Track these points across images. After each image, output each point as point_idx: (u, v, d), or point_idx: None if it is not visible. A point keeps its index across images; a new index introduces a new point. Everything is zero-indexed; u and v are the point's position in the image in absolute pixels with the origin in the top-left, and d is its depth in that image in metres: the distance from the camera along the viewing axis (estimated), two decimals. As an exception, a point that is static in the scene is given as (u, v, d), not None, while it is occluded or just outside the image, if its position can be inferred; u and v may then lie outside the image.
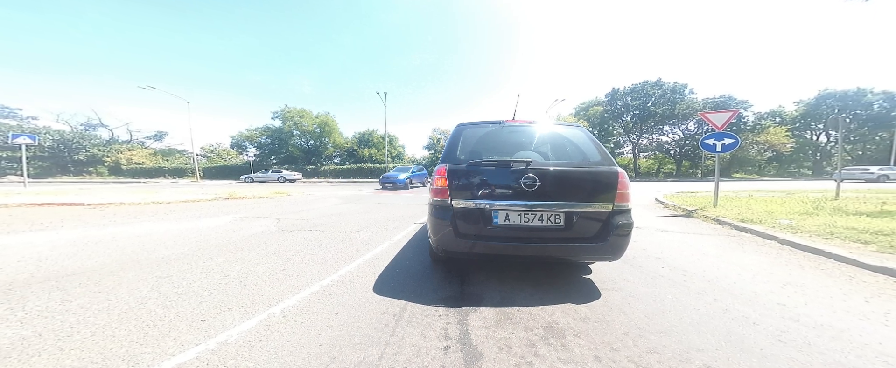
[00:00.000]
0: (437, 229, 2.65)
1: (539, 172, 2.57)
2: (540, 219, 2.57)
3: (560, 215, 2.54)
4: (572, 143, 3.08)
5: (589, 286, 2.70)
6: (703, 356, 1.69)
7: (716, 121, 7.41)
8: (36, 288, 2.58)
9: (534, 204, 2.55)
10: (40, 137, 37.53)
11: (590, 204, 2.55)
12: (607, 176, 2.60)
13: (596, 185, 2.59)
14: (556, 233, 2.55)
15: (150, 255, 3.63)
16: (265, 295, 2.49)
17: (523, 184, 2.55)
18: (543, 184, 2.55)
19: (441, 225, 2.62)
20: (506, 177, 2.63)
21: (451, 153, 2.96)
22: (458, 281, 2.81)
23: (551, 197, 2.55)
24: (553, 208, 2.54)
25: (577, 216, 2.54)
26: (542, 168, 2.62)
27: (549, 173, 2.59)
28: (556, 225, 2.55)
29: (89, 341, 1.80)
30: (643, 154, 48.70)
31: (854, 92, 39.68)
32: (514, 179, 2.59)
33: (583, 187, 2.59)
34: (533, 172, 2.56)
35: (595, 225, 2.54)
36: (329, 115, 46.69)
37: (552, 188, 2.56)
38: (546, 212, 2.55)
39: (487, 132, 3.21)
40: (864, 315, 2.19)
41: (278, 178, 31.23)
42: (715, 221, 5.90)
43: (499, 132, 3.21)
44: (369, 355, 1.69)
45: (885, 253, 3.40)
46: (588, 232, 2.54)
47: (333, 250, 3.92)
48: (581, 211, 2.54)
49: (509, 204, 2.58)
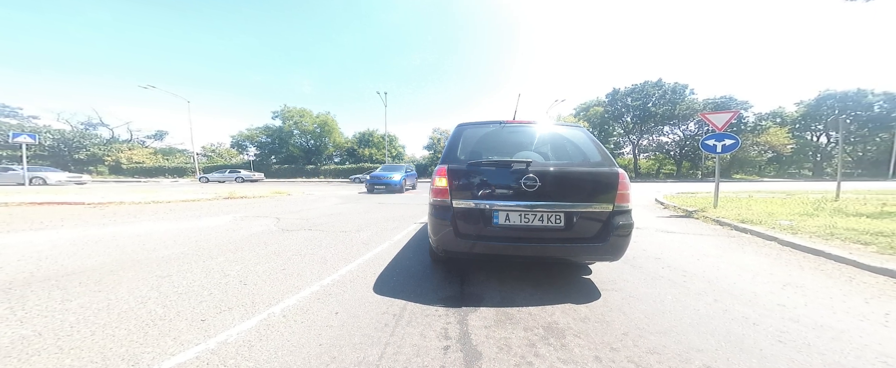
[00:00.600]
0: (438, 229, 2.64)
1: (539, 172, 2.56)
2: (540, 220, 2.55)
3: (560, 215, 2.53)
4: (573, 144, 3.07)
5: (589, 286, 2.70)
6: (703, 356, 1.69)
7: (716, 121, 7.41)
8: (36, 287, 2.58)
9: (534, 204, 2.54)
10: (41, 136, 37.60)
11: (590, 205, 2.53)
12: (608, 176, 2.58)
13: (596, 186, 2.57)
14: (556, 234, 2.54)
15: (150, 255, 3.63)
16: (265, 294, 2.49)
17: (523, 184, 2.54)
18: (544, 184, 2.54)
19: (441, 224, 2.61)
20: (506, 177, 2.62)
21: (451, 153, 2.96)
22: (458, 281, 2.81)
23: (551, 197, 2.54)
24: (553, 208, 2.53)
25: (577, 216, 2.53)
26: (543, 168, 2.62)
27: (550, 173, 2.58)
28: (556, 225, 2.54)
29: (89, 340, 1.80)
30: (643, 154, 48.73)
31: (854, 93, 39.70)
32: (515, 179, 2.58)
33: (583, 187, 2.57)
34: (533, 172, 2.56)
35: (595, 225, 2.53)
36: (329, 115, 46.73)
37: (552, 188, 2.55)
38: (546, 213, 2.54)
39: (488, 132, 3.21)
40: (864, 315, 2.19)
41: (236, 178, 28.75)
42: (715, 222, 5.90)
43: (499, 132, 3.21)
44: (369, 355, 1.69)
45: (886, 254, 3.40)
46: (588, 232, 2.53)
47: (333, 250, 3.92)
48: (581, 212, 2.53)
49: (510, 205, 2.57)
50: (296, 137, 46.28)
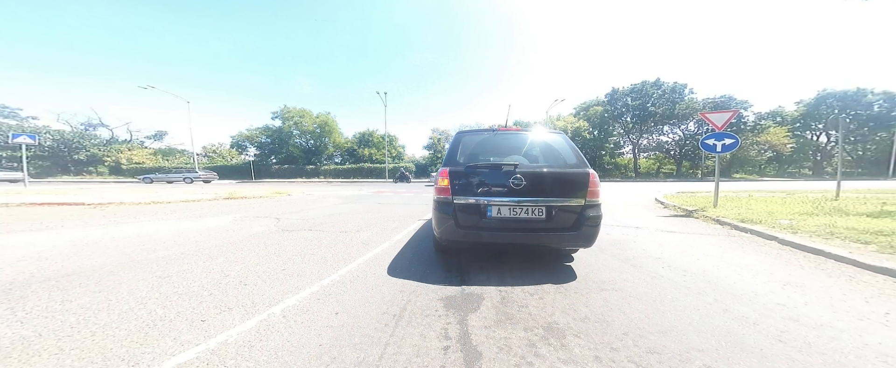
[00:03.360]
0: (441, 222, 3.04)
1: (525, 173, 2.97)
2: (526, 213, 2.96)
3: (542, 209, 2.95)
4: (553, 148, 3.53)
5: (589, 286, 2.70)
6: (704, 356, 1.69)
7: (716, 121, 7.41)
8: (36, 288, 2.58)
9: (521, 200, 2.96)
10: (40, 137, 37.54)
11: (566, 200, 2.96)
12: (581, 176, 2.99)
13: (571, 184, 2.99)
14: (538, 225, 2.95)
15: (150, 255, 3.63)
16: (265, 294, 2.49)
17: (512, 183, 2.95)
18: (528, 183, 2.95)
19: (444, 218, 3.02)
20: (498, 177, 3.03)
21: (452, 157, 3.39)
22: (459, 280, 2.81)
23: (535, 194, 2.97)
24: (536, 203, 2.95)
25: (555, 209, 2.95)
26: (528, 169, 3.04)
27: (533, 174, 3.00)
28: (539, 217, 2.95)
29: (89, 341, 1.80)
30: (643, 154, 48.70)
31: (854, 92, 39.68)
32: (505, 179, 2.99)
33: (560, 185, 3.00)
34: (520, 173, 2.97)
35: (571, 216, 2.93)
36: (329, 115, 46.75)
37: (535, 186, 2.97)
38: (531, 207, 2.96)
39: (483, 138, 3.69)
40: (864, 315, 2.19)
41: (184, 179, 25.90)
42: (715, 221, 5.90)
43: (492, 138, 3.69)
44: (369, 355, 1.69)
45: (885, 254, 3.40)
46: (565, 223, 2.93)
47: (333, 250, 3.92)
48: (559, 205, 2.95)
49: (500, 200, 2.99)
50: (296, 137, 46.27)
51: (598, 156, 44.33)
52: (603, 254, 3.73)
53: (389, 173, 34.71)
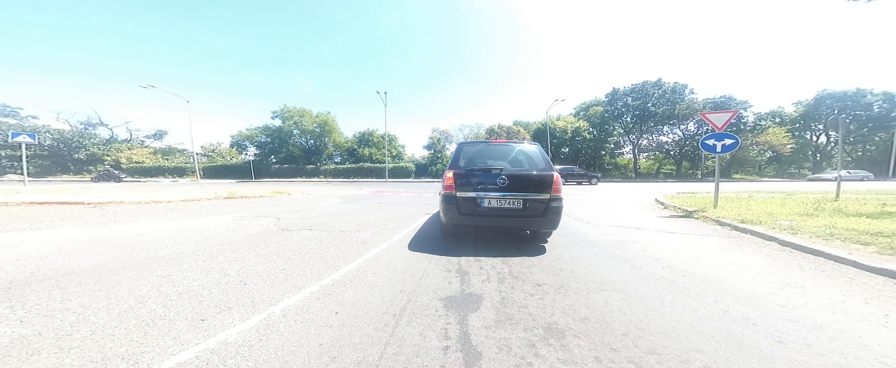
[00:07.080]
0: (447, 211, 4.05)
1: (509, 175, 3.98)
2: (509, 204, 3.95)
3: (520, 201, 3.93)
4: (530, 156, 4.51)
5: (589, 286, 2.71)
6: (703, 357, 1.69)
7: (716, 121, 7.41)
8: (36, 287, 2.58)
9: (505, 194, 3.94)
10: (40, 136, 37.57)
11: (537, 194, 3.92)
12: (548, 177, 3.97)
13: (540, 183, 3.97)
14: (517, 213, 3.95)
15: (150, 254, 3.63)
16: (265, 294, 2.49)
17: (499, 182, 3.96)
18: (511, 182, 3.95)
19: (450, 208, 4.02)
20: (489, 177, 4.02)
21: (455, 162, 4.41)
22: (459, 280, 2.81)
23: (515, 190, 3.94)
24: (516, 197, 3.92)
25: (529, 202, 3.92)
26: (511, 172, 4.04)
27: (514, 175, 4.00)
28: (517, 207, 3.94)
29: (89, 340, 1.80)
30: (643, 154, 48.67)
31: (853, 92, 39.64)
32: (494, 179, 3.98)
33: (533, 184, 3.98)
34: (505, 175, 3.97)
35: (540, 206, 3.90)
36: (329, 115, 46.63)
37: (516, 184, 3.95)
38: (512, 199, 3.93)
39: (478, 148, 4.76)
40: (864, 316, 2.19)
41: (95, 178, 25.59)
42: (715, 222, 5.90)
43: (486, 148, 4.82)
44: (369, 355, 1.70)
45: (885, 255, 3.40)
46: (536, 211, 3.90)
47: (333, 249, 3.92)
48: (532, 199, 3.92)
49: (490, 195, 3.98)
50: (296, 137, 46.17)
51: (598, 156, 44.31)
52: (603, 255, 3.73)
53: (390, 173, 34.69)
